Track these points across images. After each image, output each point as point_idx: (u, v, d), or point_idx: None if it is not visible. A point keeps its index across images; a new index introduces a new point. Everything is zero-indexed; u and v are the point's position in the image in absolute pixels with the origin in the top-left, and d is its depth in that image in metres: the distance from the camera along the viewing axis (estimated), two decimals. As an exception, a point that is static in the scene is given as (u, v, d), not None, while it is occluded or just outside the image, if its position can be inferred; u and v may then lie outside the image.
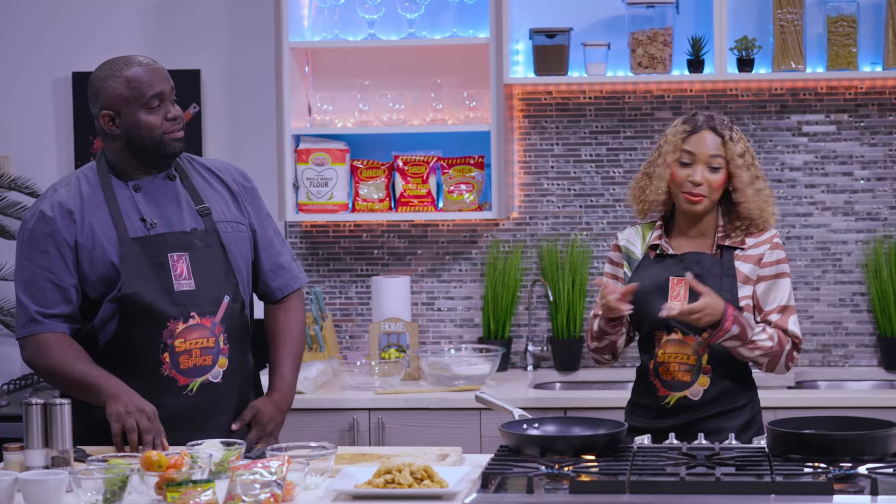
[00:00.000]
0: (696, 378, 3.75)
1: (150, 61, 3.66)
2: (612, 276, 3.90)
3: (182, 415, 3.59)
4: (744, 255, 3.79)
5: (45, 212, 3.63)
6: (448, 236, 5.35)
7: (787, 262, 3.83)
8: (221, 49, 5.41)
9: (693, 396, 3.76)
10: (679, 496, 2.94)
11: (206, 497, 2.93)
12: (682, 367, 3.76)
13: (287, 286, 3.85)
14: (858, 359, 5.24)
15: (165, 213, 3.66)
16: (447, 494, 3.04)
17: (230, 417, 3.69)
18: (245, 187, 3.81)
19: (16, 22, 5.48)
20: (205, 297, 3.63)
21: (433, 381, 4.92)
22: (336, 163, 5.18)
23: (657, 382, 3.79)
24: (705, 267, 3.77)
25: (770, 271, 3.79)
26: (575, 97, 5.28)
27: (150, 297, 3.58)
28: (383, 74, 5.31)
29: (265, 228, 3.82)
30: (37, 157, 5.48)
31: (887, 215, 5.20)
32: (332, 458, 3.24)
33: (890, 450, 3.17)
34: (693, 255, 3.80)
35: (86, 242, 3.60)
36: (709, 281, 3.73)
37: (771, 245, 3.80)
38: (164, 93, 3.62)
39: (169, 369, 3.60)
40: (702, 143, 3.79)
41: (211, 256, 3.67)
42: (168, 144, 3.63)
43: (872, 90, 5.18)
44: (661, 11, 5.05)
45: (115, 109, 3.62)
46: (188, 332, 3.61)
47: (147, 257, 3.60)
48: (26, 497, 3.01)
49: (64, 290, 3.60)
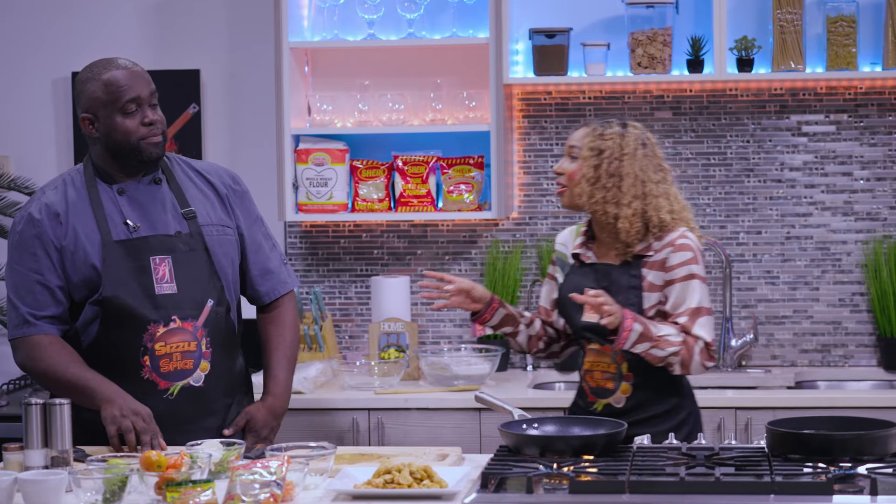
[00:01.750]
0: (619, 386, 3.75)
1: (130, 64, 3.64)
2: (551, 278, 3.95)
3: (163, 418, 3.57)
4: (650, 262, 3.74)
5: (33, 214, 3.64)
6: (448, 236, 5.35)
7: (698, 262, 3.73)
8: (221, 49, 5.41)
9: (616, 404, 3.76)
10: (679, 496, 2.94)
11: (205, 497, 2.93)
12: (604, 374, 3.77)
13: (274, 291, 3.84)
14: (858, 359, 5.23)
15: (149, 216, 3.65)
16: (447, 494, 3.03)
17: (217, 421, 3.69)
18: (234, 190, 3.80)
19: (16, 22, 5.48)
20: (187, 301, 3.63)
21: (433, 381, 4.92)
22: (336, 163, 5.18)
23: (586, 387, 3.82)
24: (613, 279, 3.75)
25: (676, 274, 3.72)
26: (574, 97, 5.28)
27: (131, 300, 3.58)
28: (383, 74, 5.30)
29: (254, 232, 3.81)
30: (36, 157, 5.48)
31: (887, 215, 5.20)
32: (332, 458, 3.24)
33: (890, 450, 3.17)
34: (604, 266, 3.78)
35: (69, 245, 3.61)
36: (616, 294, 3.70)
37: (674, 247, 3.73)
38: (140, 97, 3.60)
39: (149, 373, 3.61)
40: (574, 135, 3.81)
41: (194, 260, 3.66)
42: (144, 150, 3.62)
43: (872, 90, 5.18)
44: (660, 11, 5.05)
45: (94, 112, 3.62)
46: (168, 335, 3.61)
47: (129, 260, 3.60)
48: (26, 497, 3.01)
49: (53, 292, 3.61)
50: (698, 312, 3.70)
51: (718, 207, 5.24)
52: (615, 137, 3.74)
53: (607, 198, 3.72)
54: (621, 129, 3.76)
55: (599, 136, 3.74)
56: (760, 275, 5.24)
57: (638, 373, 3.74)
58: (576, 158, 3.77)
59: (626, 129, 3.77)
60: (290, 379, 3.82)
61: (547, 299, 4.00)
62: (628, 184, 3.72)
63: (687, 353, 3.66)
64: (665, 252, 3.73)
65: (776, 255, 5.24)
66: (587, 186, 3.73)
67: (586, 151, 3.74)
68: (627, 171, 3.73)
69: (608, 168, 3.73)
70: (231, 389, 3.74)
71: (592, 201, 3.73)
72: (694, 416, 3.85)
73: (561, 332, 3.96)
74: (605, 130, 3.75)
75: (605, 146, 3.73)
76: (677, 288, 3.71)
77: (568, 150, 3.80)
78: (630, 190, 3.73)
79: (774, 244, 5.24)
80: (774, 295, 5.24)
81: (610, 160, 3.73)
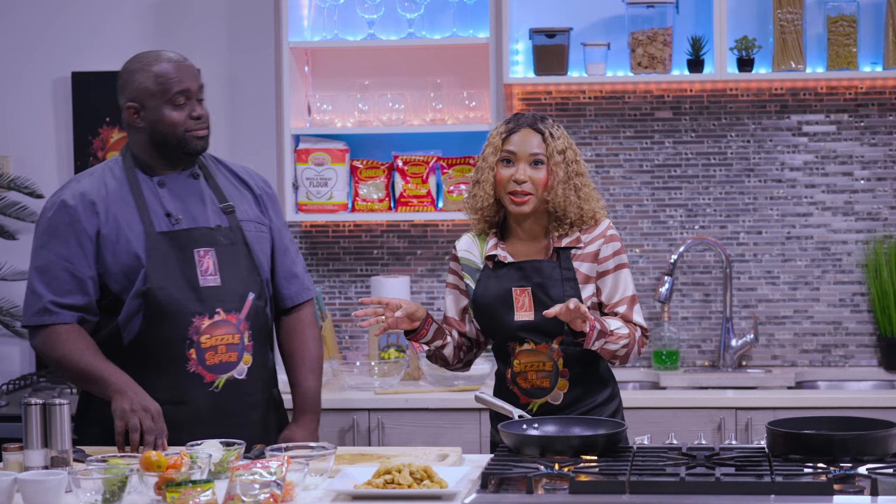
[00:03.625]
0: (556, 383, 3.71)
1: (180, 58, 3.69)
2: (454, 287, 3.86)
3: (209, 412, 3.60)
4: (581, 254, 3.73)
5: (66, 201, 3.62)
6: (448, 236, 5.35)
7: (625, 251, 3.78)
8: (221, 49, 5.40)
9: (554, 401, 3.72)
10: (679, 496, 2.94)
11: (205, 497, 2.92)
12: (539, 374, 3.72)
13: (298, 296, 3.85)
14: (858, 359, 5.23)
15: (190, 209, 3.67)
16: (447, 495, 3.03)
17: (258, 415, 3.70)
18: (267, 193, 3.85)
19: (15, 22, 5.48)
20: (230, 294, 3.64)
21: (433, 381, 4.92)
22: (336, 163, 5.18)
23: (517, 390, 3.75)
24: (545, 274, 3.71)
25: (609, 265, 3.73)
26: (575, 97, 5.28)
27: (176, 292, 3.59)
28: (383, 74, 5.30)
29: (283, 236, 3.84)
30: (36, 157, 5.48)
31: (887, 215, 5.20)
32: (332, 458, 3.24)
33: (890, 450, 3.16)
34: (531, 263, 3.73)
35: (110, 234, 3.59)
36: (551, 288, 3.69)
37: (605, 238, 3.74)
38: (190, 90, 3.65)
39: (195, 365, 3.60)
40: (522, 141, 3.72)
41: (236, 253, 3.68)
42: (190, 142, 3.65)
43: (872, 90, 5.18)
44: (660, 11, 5.05)
45: (140, 102, 3.64)
46: (214, 328, 3.61)
47: (173, 252, 3.61)
48: (25, 497, 3.01)
49: (81, 281, 3.59)
50: (634, 300, 3.75)
51: (719, 207, 5.24)
52: (564, 137, 3.75)
53: (580, 195, 3.73)
54: (557, 127, 3.75)
55: (551, 136, 3.72)
56: (761, 275, 5.24)
57: (573, 367, 3.72)
58: (539, 164, 3.72)
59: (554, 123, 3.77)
60: (319, 393, 3.82)
61: (454, 309, 3.88)
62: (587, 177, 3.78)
63: (632, 342, 3.68)
64: (597, 244, 3.73)
65: (776, 255, 5.24)
66: (560, 189, 3.70)
67: (556, 156, 3.72)
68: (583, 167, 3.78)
69: (578, 168, 3.74)
70: (267, 384, 3.76)
71: (567, 202, 3.72)
72: (621, 404, 3.85)
73: (474, 339, 3.89)
74: (552, 130, 3.72)
75: (562, 146, 3.73)
76: (611, 278, 3.73)
77: (526, 157, 3.73)
78: (590, 183, 3.79)
79: (775, 244, 5.24)
80: (775, 295, 5.24)
81: (575, 156, 3.75)
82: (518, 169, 3.70)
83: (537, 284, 3.69)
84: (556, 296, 3.67)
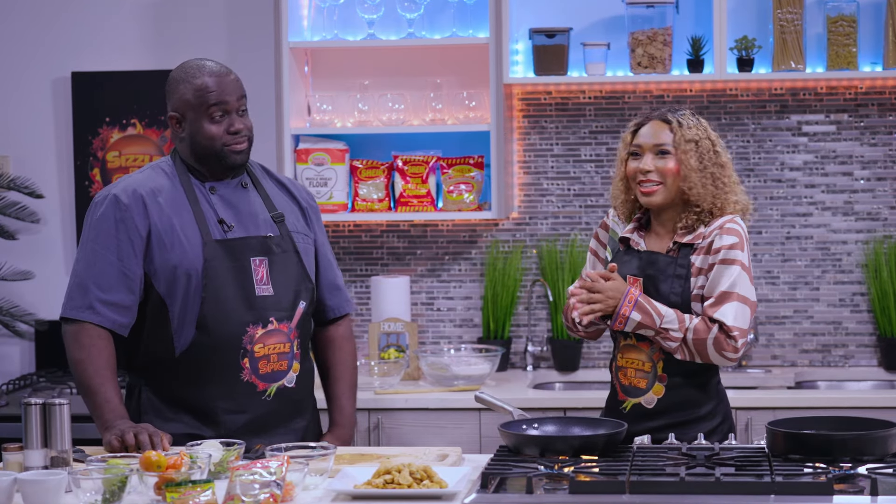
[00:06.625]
0: (651, 386, 3.64)
1: (222, 70, 3.63)
2: (594, 253, 3.84)
3: (262, 420, 3.61)
4: (700, 248, 3.64)
5: (119, 197, 3.59)
6: (448, 236, 5.35)
7: (743, 248, 3.61)
8: (220, 49, 5.40)
9: (647, 405, 3.64)
10: (679, 496, 2.94)
11: (205, 497, 2.92)
12: (638, 373, 3.66)
13: (340, 308, 3.86)
14: (858, 359, 5.23)
15: (241, 217, 3.66)
16: (447, 495, 3.03)
17: (304, 422, 3.71)
18: (311, 206, 3.84)
19: (15, 22, 5.48)
20: (282, 303, 3.64)
21: (433, 381, 4.92)
22: (335, 163, 5.18)
23: (617, 385, 3.71)
24: (659, 268, 3.66)
25: (717, 257, 3.60)
26: (574, 97, 5.28)
27: (232, 301, 3.58)
28: (383, 74, 5.30)
29: (325, 248, 3.84)
30: (36, 157, 5.48)
31: (887, 215, 5.20)
32: (332, 458, 3.23)
33: (890, 450, 3.16)
34: (649, 254, 3.68)
35: (162, 234, 3.57)
36: (661, 283, 3.63)
37: (721, 230, 3.62)
38: (229, 104, 3.60)
39: (249, 375, 3.60)
40: (649, 133, 3.67)
41: (287, 262, 3.67)
42: (228, 156, 3.62)
43: (872, 90, 5.18)
44: (660, 11, 5.05)
45: (181, 113, 3.62)
46: (266, 337, 3.61)
47: (228, 260, 3.59)
48: (25, 497, 3.01)
49: (128, 279, 3.56)
50: (725, 297, 3.56)
51: (718, 207, 5.23)
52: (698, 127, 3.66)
53: (717, 186, 3.64)
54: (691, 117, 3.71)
55: (679, 125, 3.66)
56: (761, 275, 5.24)
57: (673, 374, 3.62)
58: (665, 154, 3.68)
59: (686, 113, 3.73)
60: (354, 407, 3.85)
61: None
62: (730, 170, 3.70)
63: (695, 340, 3.55)
64: (712, 236, 3.63)
65: (776, 254, 5.24)
66: (695, 176, 3.63)
67: (685, 145, 3.68)
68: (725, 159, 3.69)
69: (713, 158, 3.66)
70: (311, 390, 3.77)
71: (705, 191, 3.64)
72: (728, 423, 3.72)
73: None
74: (682, 120, 3.65)
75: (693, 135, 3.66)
76: (714, 271, 3.59)
77: (651, 147, 3.66)
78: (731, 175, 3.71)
79: (775, 244, 5.24)
80: (775, 295, 5.24)
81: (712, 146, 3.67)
82: (643, 160, 3.67)
83: (649, 277, 3.64)
84: (664, 291, 3.61)
